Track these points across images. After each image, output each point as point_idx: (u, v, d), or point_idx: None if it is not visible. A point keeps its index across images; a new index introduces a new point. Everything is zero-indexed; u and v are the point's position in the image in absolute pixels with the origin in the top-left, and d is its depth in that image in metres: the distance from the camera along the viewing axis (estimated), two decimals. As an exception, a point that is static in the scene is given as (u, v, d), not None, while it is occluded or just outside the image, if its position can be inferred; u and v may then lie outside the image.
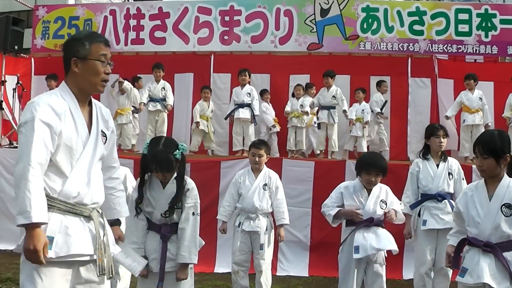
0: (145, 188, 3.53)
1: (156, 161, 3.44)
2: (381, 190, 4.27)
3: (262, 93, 9.40)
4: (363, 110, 9.03)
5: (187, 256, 3.41)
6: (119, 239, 3.33)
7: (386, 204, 4.22)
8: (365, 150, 8.86)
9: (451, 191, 5.06)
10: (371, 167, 4.17)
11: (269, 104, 9.39)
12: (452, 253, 3.34)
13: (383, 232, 4.21)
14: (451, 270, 4.95)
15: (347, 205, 4.27)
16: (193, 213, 3.49)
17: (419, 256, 5.12)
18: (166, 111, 9.11)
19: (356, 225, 4.18)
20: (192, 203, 3.50)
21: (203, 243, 3.71)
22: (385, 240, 4.15)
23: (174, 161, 3.46)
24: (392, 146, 9.55)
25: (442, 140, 5.06)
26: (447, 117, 8.79)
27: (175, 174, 3.54)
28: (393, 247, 4.19)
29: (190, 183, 3.55)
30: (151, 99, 9.09)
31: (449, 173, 5.06)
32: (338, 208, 4.26)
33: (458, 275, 3.25)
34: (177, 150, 3.47)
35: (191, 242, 3.43)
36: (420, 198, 5.14)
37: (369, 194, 4.24)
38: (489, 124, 8.53)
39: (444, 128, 5.15)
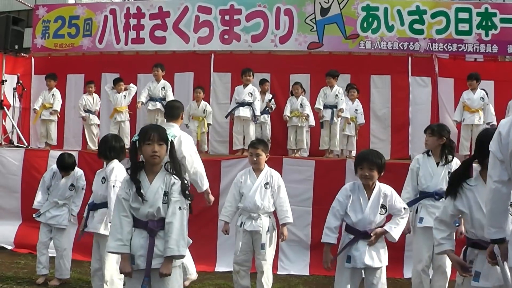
0: (132, 185, 3.49)
1: (152, 128, 3.53)
2: (381, 194, 4.11)
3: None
4: (356, 110, 9.06)
5: (175, 249, 3.35)
6: None
7: (385, 209, 4.11)
8: (355, 148, 8.98)
9: None
10: (364, 161, 4.09)
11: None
12: (461, 260, 3.26)
13: (378, 246, 4.13)
14: (450, 268, 4.95)
15: (349, 210, 4.19)
16: (180, 208, 3.44)
17: (416, 253, 5.13)
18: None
19: (354, 235, 4.14)
20: (178, 198, 3.45)
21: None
22: (377, 256, 4.08)
23: (167, 137, 3.49)
24: (393, 145, 9.57)
25: (427, 138, 5.12)
26: (455, 122, 8.79)
27: (162, 169, 3.53)
28: (382, 265, 4.12)
29: (175, 178, 3.53)
30: (151, 98, 9.08)
31: (449, 172, 5.01)
32: (333, 242, 4.14)
33: (473, 279, 3.18)
34: (168, 133, 3.54)
35: (179, 236, 3.38)
36: (419, 195, 5.14)
37: (369, 199, 4.16)
38: (493, 123, 8.48)
39: (432, 127, 5.15)
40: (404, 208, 4.19)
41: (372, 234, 4.06)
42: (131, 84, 9.52)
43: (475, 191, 3.23)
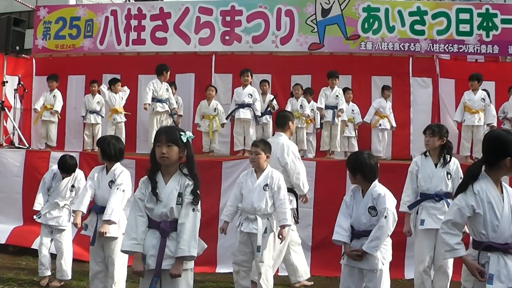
0: (148, 185, 3.52)
1: (163, 130, 3.55)
2: (371, 195, 4.06)
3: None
4: (352, 110, 9.11)
5: (186, 250, 3.36)
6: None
7: (375, 211, 4.03)
8: (356, 149, 8.94)
9: (450, 190, 5.03)
10: (346, 166, 4.23)
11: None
12: (478, 266, 3.20)
13: None
14: (451, 268, 4.96)
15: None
16: (193, 209, 3.46)
17: (418, 254, 5.13)
18: (174, 115, 9.05)
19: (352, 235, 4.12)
20: (191, 199, 3.47)
21: (206, 246, 3.67)
22: (369, 259, 4.00)
23: (180, 138, 3.48)
24: (394, 146, 9.57)
25: (427, 138, 5.10)
26: (456, 122, 8.79)
27: (178, 171, 3.54)
28: (377, 268, 4.03)
29: (189, 179, 3.54)
30: (158, 100, 8.86)
31: (448, 173, 5.05)
32: (343, 240, 4.05)
33: (487, 283, 3.14)
34: (184, 133, 3.51)
35: (191, 237, 3.39)
36: (419, 197, 5.15)
37: (363, 199, 4.11)
38: (493, 125, 8.48)
39: (432, 127, 5.14)
40: (385, 216, 3.97)
41: (350, 253, 4.02)
42: (125, 87, 9.52)
43: (487, 191, 3.19)
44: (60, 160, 6.00)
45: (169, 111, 8.96)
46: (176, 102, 9.39)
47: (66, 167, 5.93)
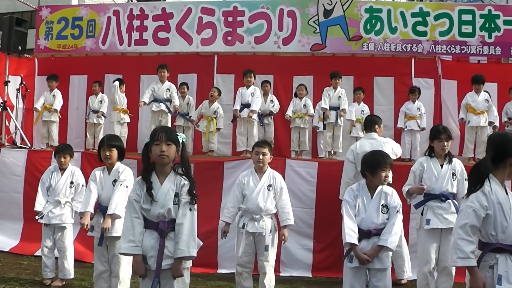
0: (143, 186, 3.52)
1: (160, 129, 3.58)
2: (382, 193, 4.14)
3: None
4: (362, 110, 9.07)
5: (186, 250, 3.39)
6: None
7: (387, 208, 4.11)
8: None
9: (455, 191, 5.09)
10: (385, 164, 4.16)
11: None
12: (485, 281, 3.15)
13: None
14: (455, 269, 4.96)
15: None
16: (190, 209, 3.48)
17: (423, 255, 5.12)
18: (171, 113, 9.06)
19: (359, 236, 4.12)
20: (188, 199, 3.49)
21: (201, 243, 3.68)
22: (378, 258, 4.04)
23: (176, 138, 3.52)
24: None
25: (445, 143, 5.09)
26: (462, 119, 8.74)
27: (173, 171, 3.56)
28: (385, 266, 4.08)
29: (185, 179, 3.55)
30: (155, 99, 9.01)
31: (453, 174, 5.09)
32: (356, 243, 4.05)
33: (496, 283, 3.13)
34: (179, 134, 3.56)
35: (190, 237, 3.42)
36: (423, 198, 5.17)
37: (372, 199, 4.14)
38: (496, 125, 8.44)
39: (447, 131, 5.14)
40: (398, 211, 4.11)
41: (367, 254, 4.02)
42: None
43: (496, 192, 3.18)
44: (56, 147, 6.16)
45: (165, 110, 8.96)
46: (187, 103, 9.42)
47: (62, 147, 6.07)
